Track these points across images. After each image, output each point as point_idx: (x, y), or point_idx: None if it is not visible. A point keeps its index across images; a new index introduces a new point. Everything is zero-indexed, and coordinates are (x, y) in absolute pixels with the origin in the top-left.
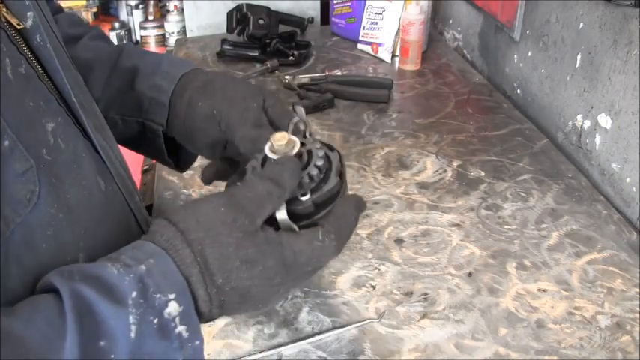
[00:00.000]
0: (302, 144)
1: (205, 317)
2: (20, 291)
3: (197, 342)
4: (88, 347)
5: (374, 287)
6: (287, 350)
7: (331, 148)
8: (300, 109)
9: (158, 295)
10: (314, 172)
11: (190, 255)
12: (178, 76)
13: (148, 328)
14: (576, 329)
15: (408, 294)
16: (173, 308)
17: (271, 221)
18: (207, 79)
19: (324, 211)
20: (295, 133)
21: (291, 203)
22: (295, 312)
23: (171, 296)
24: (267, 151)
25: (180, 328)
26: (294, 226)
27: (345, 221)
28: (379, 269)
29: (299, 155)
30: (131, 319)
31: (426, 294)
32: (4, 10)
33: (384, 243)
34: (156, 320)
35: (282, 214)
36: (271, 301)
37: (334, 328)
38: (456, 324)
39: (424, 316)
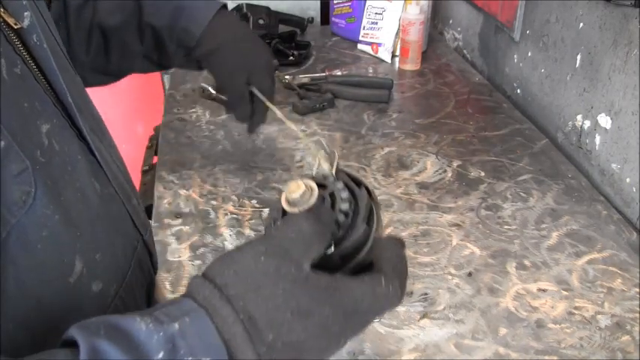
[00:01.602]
0: (323, 185)
1: None
2: (14, 293)
3: None
4: None
5: None
6: None
7: (358, 183)
8: (322, 142)
9: (190, 359)
10: (341, 218)
11: (232, 314)
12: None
13: None
14: (576, 329)
15: (408, 294)
16: None
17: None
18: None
19: (352, 262)
20: (321, 166)
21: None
22: None
23: None
24: (284, 204)
25: None
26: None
27: (402, 266)
28: None
29: (321, 200)
30: None
31: (426, 294)
32: (1, 9)
33: None
34: None
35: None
36: (329, 352)
37: None
38: (456, 324)
39: (424, 316)
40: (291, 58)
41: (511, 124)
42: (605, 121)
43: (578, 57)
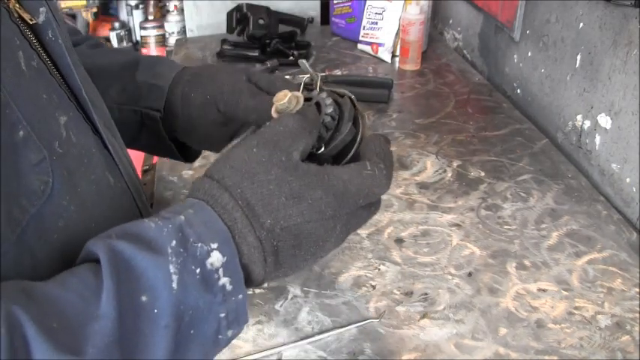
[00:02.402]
0: (308, 98)
1: (260, 273)
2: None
3: (240, 296)
4: (127, 302)
5: (374, 287)
6: (287, 350)
7: (341, 95)
8: (304, 63)
9: (199, 245)
10: (327, 119)
11: (231, 200)
12: (180, 67)
13: (190, 279)
14: (576, 329)
15: (408, 294)
16: (216, 259)
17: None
18: (194, 73)
19: (342, 161)
20: (306, 90)
21: (308, 159)
22: (295, 312)
23: (214, 245)
24: (273, 114)
25: (224, 280)
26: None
27: (385, 153)
28: (379, 269)
29: (307, 106)
30: (171, 268)
31: (426, 294)
32: (17, 5)
33: (384, 243)
34: (198, 270)
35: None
36: (327, 242)
37: (334, 328)
38: (456, 324)
39: (424, 316)
40: (291, 58)
41: (511, 124)
42: (605, 121)
43: (578, 57)
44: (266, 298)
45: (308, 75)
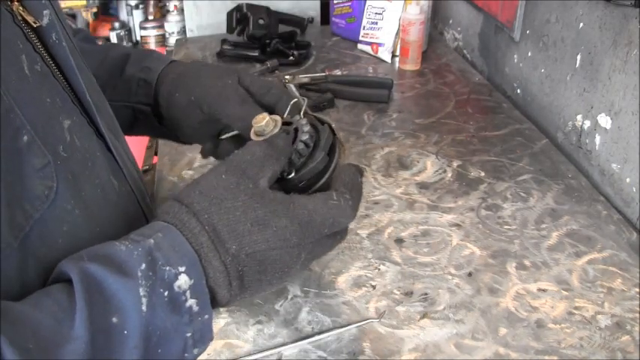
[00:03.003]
0: (288, 122)
1: (225, 295)
2: (37, 286)
3: (206, 316)
4: (99, 323)
5: (374, 287)
6: (287, 350)
7: (322, 122)
8: (291, 87)
9: (167, 268)
10: (300, 146)
11: (198, 225)
12: (168, 61)
13: (159, 301)
14: (576, 329)
15: (408, 294)
16: (183, 281)
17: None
18: (181, 71)
19: (313, 188)
20: (293, 113)
21: (278, 183)
22: (295, 312)
23: (182, 269)
24: (252, 135)
25: (191, 302)
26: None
27: (354, 184)
28: (379, 269)
29: (286, 133)
30: (141, 291)
31: (426, 294)
32: (21, 8)
33: (384, 243)
34: (166, 293)
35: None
36: (292, 269)
37: (334, 328)
38: (456, 324)
39: (424, 316)
40: (291, 58)
41: (511, 124)
42: (605, 121)
43: (578, 57)
44: (266, 298)
45: (295, 99)
